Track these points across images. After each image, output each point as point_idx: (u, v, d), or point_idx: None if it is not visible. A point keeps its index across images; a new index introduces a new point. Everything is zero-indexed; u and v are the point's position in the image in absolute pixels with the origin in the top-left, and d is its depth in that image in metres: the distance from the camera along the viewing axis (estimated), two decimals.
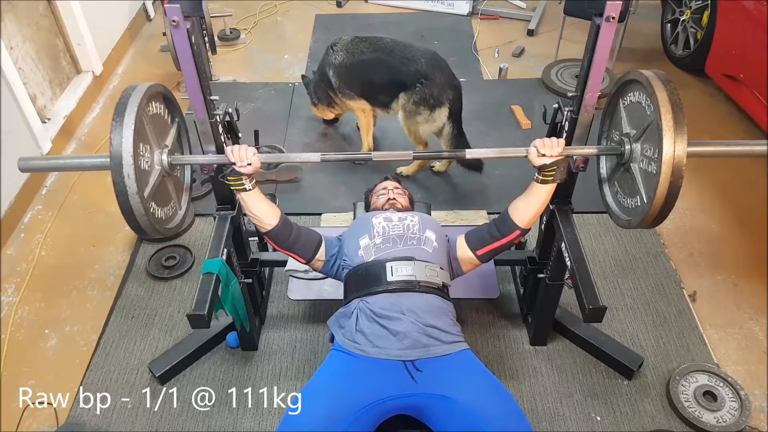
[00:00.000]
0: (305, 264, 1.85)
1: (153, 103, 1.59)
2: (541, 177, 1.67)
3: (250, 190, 1.68)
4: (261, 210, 1.72)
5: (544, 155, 1.61)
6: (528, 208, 1.71)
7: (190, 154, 1.84)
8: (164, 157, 1.60)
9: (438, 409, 1.48)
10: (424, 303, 1.63)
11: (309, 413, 1.46)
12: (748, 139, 3.20)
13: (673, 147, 1.37)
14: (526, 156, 1.64)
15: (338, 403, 1.47)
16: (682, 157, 1.37)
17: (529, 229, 1.76)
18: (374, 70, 2.72)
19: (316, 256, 1.81)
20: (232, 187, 1.68)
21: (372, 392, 1.50)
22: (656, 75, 1.49)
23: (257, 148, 2.97)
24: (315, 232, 1.85)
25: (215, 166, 1.78)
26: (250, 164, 1.62)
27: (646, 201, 1.51)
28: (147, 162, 1.52)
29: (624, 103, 1.65)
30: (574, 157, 1.76)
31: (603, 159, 1.79)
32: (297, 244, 1.79)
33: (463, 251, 1.82)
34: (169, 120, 1.72)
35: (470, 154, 1.70)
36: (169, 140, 1.68)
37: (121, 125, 1.40)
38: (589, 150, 1.67)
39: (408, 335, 1.56)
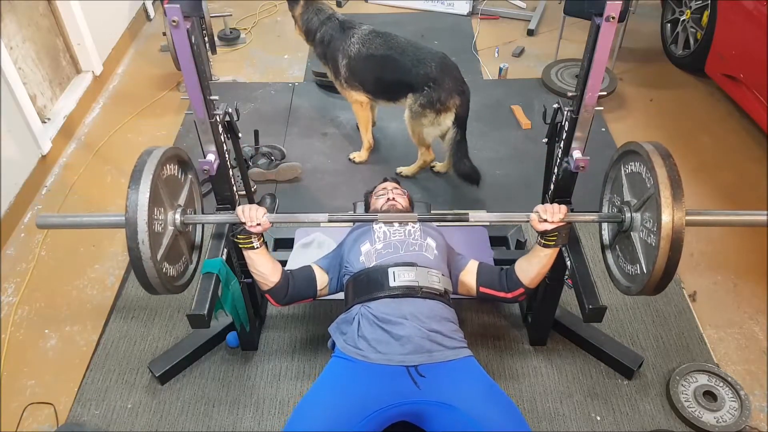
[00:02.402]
0: (312, 301, 1.86)
1: (168, 165, 1.63)
2: (543, 241, 1.68)
3: (257, 248, 1.70)
4: (265, 268, 1.73)
5: (545, 221, 1.62)
6: (531, 268, 1.73)
7: (203, 211, 1.88)
8: (177, 216, 1.64)
9: (440, 416, 1.48)
10: (426, 308, 1.63)
11: (312, 422, 1.45)
12: (747, 138, 3.21)
13: (672, 223, 1.39)
14: (528, 221, 1.66)
15: (341, 411, 1.47)
16: (681, 232, 1.40)
17: (533, 289, 1.77)
18: (385, 68, 2.72)
19: (318, 288, 1.82)
20: (240, 245, 1.71)
21: (375, 400, 1.49)
22: (656, 149, 1.50)
23: (257, 148, 3.01)
24: (305, 269, 1.84)
25: (215, 165, 1.78)
26: (259, 224, 1.65)
27: (645, 272, 1.52)
28: (161, 225, 1.56)
29: (625, 171, 1.67)
30: (575, 158, 1.76)
31: (605, 224, 1.81)
32: (295, 293, 1.80)
33: (469, 278, 1.82)
34: (183, 179, 1.76)
35: (473, 217, 1.71)
36: (182, 199, 1.71)
37: (136, 192, 1.45)
38: (590, 217, 1.69)
39: (411, 340, 1.56)
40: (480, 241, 2.34)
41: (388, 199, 2.00)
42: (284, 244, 2.46)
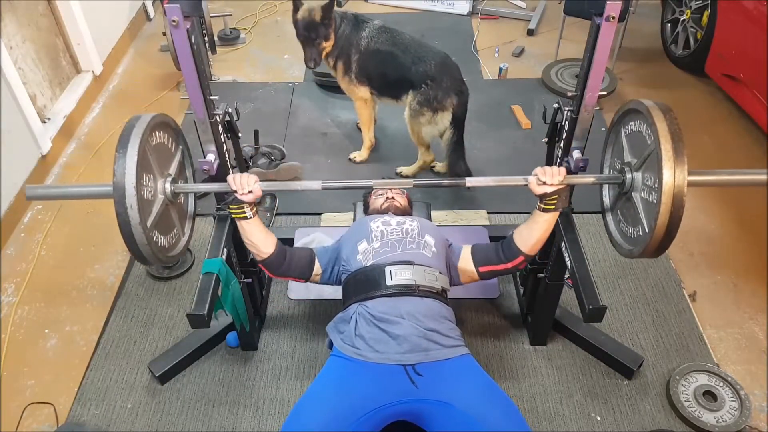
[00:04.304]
0: (304, 283, 1.86)
1: (156, 132, 1.61)
2: (543, 205, 1.66)
3: (250, 218, 1.69)
4: (259, 238, 1.73)
5: (544, 183, 1.61)
6: (531, 234, 1.71)
7: (194, 180, 1.86)
8: (167, 185, 1.62)
9: (438, 415, 1.48)
10: (423, 307, 1.63)
11: (309, 422, 1.45)
12: (747, 138, 3.21)
13: (674, 177, 1.37)
14: (526, 185, 1.64)
15: (339, 411, 1.47)
16: (683, 187, 1.37)
17: (533, 256, 1.75)
18: (387, 63, 2.72)
19: (313, 273, 1.82)
20: (233, 215, 1.70)
21: (373, 399, 1.49)
22: (656, 105, 1.49)
23: (257, 148, 3.01)
24: (306, 250, 1.85)
25: (215, 165, 1.78)
26: (251, 192, 1.63)
27: (647, 230, 1.50)
28: (150, 192, 1.54)
29: (625, 132, 1.65)
30: (575, 158, 1.76)
31: (606, 188, 1.79)
32: (291, 269, 1.80)
33: (466, 263, 1.81)
34: (173, 148, 1.74)
35: (470, 182, 1.70)
36: (173, 168, 1.70)
37: (124, 157, 1.43)
38: (590, 179, 1.67)
39: (408, 339, 1.55)
40: (480, 241, 2.33)
41: (387, 198, 2.01)
42: (284, 244, 2.46)
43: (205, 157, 1.78)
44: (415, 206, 2.27)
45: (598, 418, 2.00)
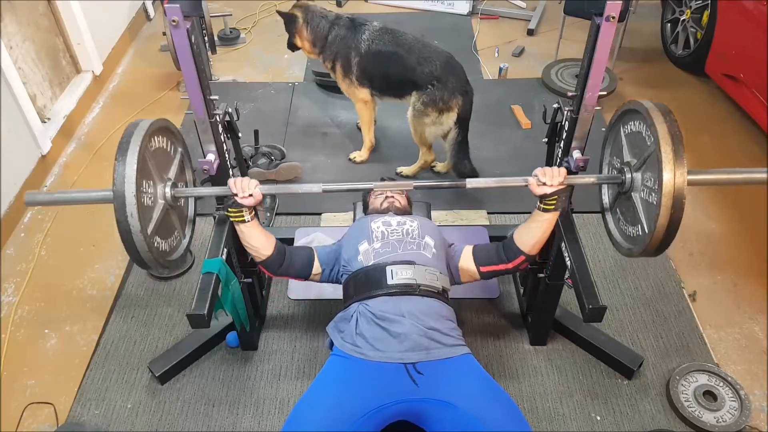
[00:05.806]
0: (303, 281, 1.87)
1: (155, 138, 1.61)
2: (543, 206, 1.67)
3: (248, 221, 1.70)
4: (258, 241, 1.74)
5: (544, 184, 1.62)
6: (531, 234, 1.72)
7: (194, 181, 1.86)
8: (167, 190, 1.62)
9: (439, 414, 1.48)
10: (424, 306, 1.63)
11: (310, 422, 1.45)
12: (747, 138, 3.21)
13: (674, 180, 1.38)
14: (526, 186, 1.64)
15: (339, 411, 1.46)
16: (682, 189, 1.38)
17: (534, 256, 1.76)
18: (391, 64, 2.72)
19: (312, 272, 1.83)
20: (231, 218, 1.70)
21: (373, 398, 1.49)
22: (656, 106, 1.49)
23: (257, 148, 3.01)
24: (305, 248, 1.86)
25: (215, 165, 1.78)
26: (251, 195, 1.64)
27: (647, 231, 1.50)
28: (150, 198, 1.54)
29: (625, 132, 1.65)
30: (575, 157, 1.77)
31: (605, 187, 1.79)
32: (291, 268, 1.81)
33: (467, 263, 1.81)
34: (172, 151, 1.73)
35: (470, 184, 1.71)
36: (172, 173, 1.70)
37: (123, 164, 1.42)
38: (590, 179, 1.67)
39: (408, 337, 1.55)
40: (480, 241, 2.33)
41: (387, 197, 2.01)
42: (284, 244, 2.46)
43: (205, 157, 1.78)
44: (415, 206, 2.27)
45: (598, 418, 2.00)
